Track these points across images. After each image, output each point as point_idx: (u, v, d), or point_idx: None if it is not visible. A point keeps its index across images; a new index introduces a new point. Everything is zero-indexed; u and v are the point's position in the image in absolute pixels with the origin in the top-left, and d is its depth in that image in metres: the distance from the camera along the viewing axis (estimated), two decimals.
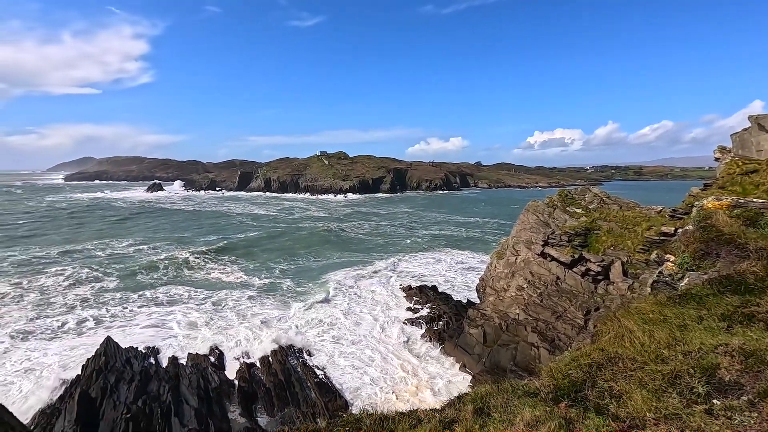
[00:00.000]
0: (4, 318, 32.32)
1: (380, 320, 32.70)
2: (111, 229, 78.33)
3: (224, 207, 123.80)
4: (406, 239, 69.91)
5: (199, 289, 40.03)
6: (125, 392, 21.16)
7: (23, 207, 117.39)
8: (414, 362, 26.27)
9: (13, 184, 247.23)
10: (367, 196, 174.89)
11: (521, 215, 32.17)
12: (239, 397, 22.38)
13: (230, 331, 30.26)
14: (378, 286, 41.39)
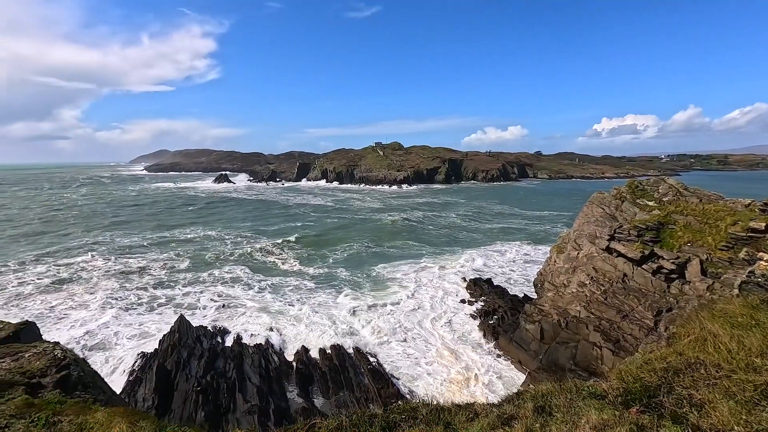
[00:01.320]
0: (99, 290, 36.56)
1: (434, 312, 32.55)
2: (186, 218, 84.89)
3: (283, 197, 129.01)
4: (461, 231, 68.82)
5: (259, 274, 42.39)
6: (196, 367, 22.93)
7: (113, 196, 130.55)
8: (467, 355, 25.92)
9: (102, 175, 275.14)
10: (422, 187, 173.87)
11: (585, 207, 30.34)
12: (297, 378, 23.38)
13: (289, 316, 31.67)
14: (431, 277, 41.17)
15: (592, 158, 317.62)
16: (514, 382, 22.68)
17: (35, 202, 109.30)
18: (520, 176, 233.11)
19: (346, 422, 3.70)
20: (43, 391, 8.20)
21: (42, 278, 40.12)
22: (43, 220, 77.76)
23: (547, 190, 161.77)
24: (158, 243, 57.23)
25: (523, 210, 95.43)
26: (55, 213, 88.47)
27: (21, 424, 5.99)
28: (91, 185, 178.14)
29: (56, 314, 31.65)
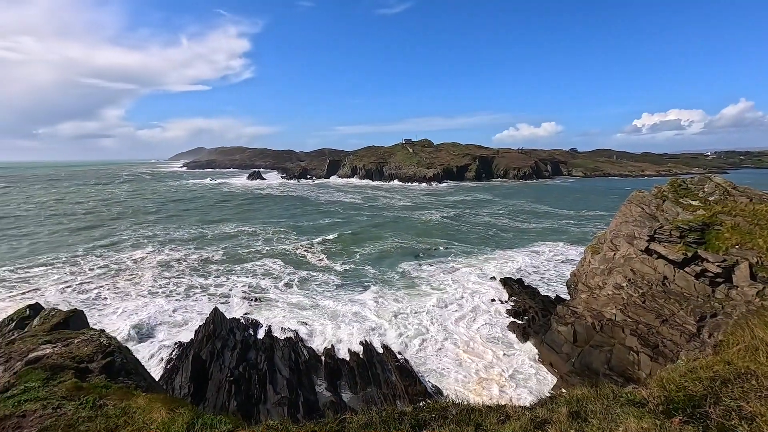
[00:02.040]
0: (141, 280, 38.68)
1: (462, 311, 32.22)
2: (221, 213, 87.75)
3: (313, 194, 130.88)
4: (492, 229, 67.74)
5: (289, 268, 43.32)
6: (229, 358, 23.69)
7: (154, 192, 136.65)
8: (496, 356, 25.52)
9: (143, 172, 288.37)
10: (452, 184, 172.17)
11: (623, 207, 29.17)
12: (325, 373, 23.72)
13: (318, 311, 32.18)
14: (460, 276, 40.77)
15: (630, 155, 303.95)
16: (546, 384, 22.15)
17: (85, 197, 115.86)
18: (553, 174, 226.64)
19: (376, 419, 3.72)
20: (90, 375, 8.71)
21: (90, 268, 42.53)
22: (92, 214, 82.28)
23: (582, 188, 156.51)
24: (195, 237, 59.70)
25: (555, 209, 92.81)
26: (101, 207, 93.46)
27: (71, 406, 6.39)
28: (133, 182, 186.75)
29: (101, 302, 33.47)
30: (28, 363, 9.54)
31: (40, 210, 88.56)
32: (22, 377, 8.12)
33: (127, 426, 5.19)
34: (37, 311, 21.28)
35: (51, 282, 38.37)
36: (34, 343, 11.34)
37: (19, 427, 6.25)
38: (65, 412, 6.26)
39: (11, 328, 19.95)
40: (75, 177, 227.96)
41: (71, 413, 6.20)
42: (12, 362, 10.16)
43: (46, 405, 6.65)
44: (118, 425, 5.27)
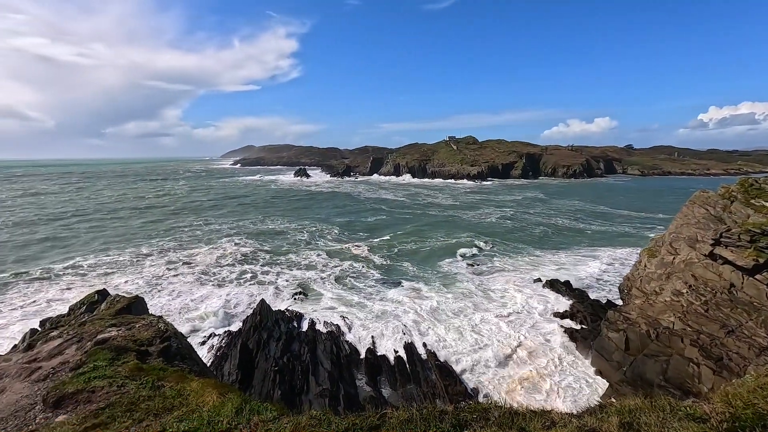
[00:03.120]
0: (196, 270, 41.08)
1: (505, 312, 31.44)
2: (270, 207, 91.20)
3: (357, 191, 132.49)
4: (538, 228, 65.44)
5: (333, 263, 44.28)
6: (274, 348, 24.56)
7: (209, 188, 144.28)
8: (539, 359, 24.68)
9: (198, 169, 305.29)
10: (497, 182, 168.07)
11: (684, 208, 27.18)
12: (366, 368, 23.99)
13: (360, 306, 32.63)
14: (504, 276, 39.81)
15: (694, 152, 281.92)
16: (594, 392, 21.16)
17: (148, 192, 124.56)
18: (606, 172, 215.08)
19: (417, 416, 3.72)
20: (150, 358, 9.37)
21: (151, 259, 45.64)
22: (154, 209, 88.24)
23: (638, 187, 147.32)
24: (246, 231, 62.60)
25: (608, 208, 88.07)
26: (163, 202, 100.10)
27: (133, 385, 6.93)
28: (190, 178, 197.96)
29: (160, 289, 35.79)
30: (96, 344, 10.42)
31: (109, 204, 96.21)
32: (92, 356, 8.89)
33: (182, 407, 5.55)
34: (104, 296, 23.11)
35: (116, 270, 41.60)
36: (102, 326, 12.36)
37: (89, 401, 6.87)
38: (128, 390, 6.79)
39: (82, 311, 21.81)
40: (138, 173, 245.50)
41: (133, 392, 6.72)
42: (83, 342, 11.14)
43: (112, 383, 7.25)
44: (174, 406, 5.64)
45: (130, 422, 5.46)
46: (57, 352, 10.88)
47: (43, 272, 40.31)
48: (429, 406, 3.93)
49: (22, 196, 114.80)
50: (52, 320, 22.33)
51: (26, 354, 11.48)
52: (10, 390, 9.12)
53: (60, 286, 36.57)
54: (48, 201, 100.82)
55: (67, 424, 5.87)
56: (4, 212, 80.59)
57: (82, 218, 73.30)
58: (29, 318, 28.88)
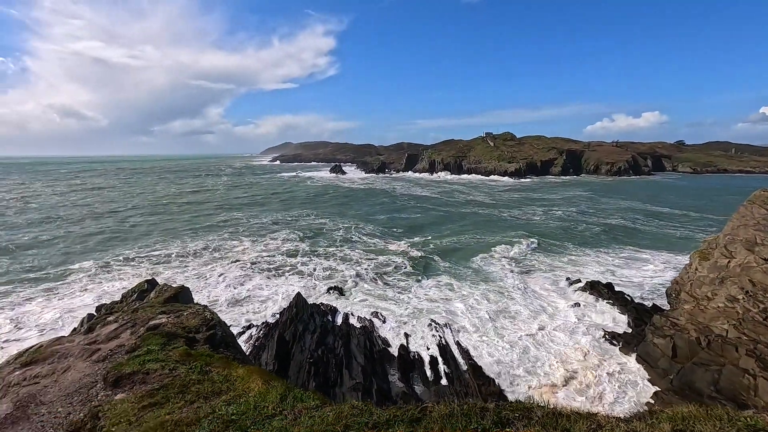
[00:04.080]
0: (237, 261, 42.90)
1: (543, 312, 30.69)
2: (306, 203, 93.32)
3: (391, 187, 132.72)
4: (580, 225, 63.10)
5: (366, 259, 44.75)
6: (309, 341, 25.15)
7: (248, 183, 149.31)
8: (578, 362, 23.91)
9: (239, 165, 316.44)
10: (535, 180, 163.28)
11: (741, 208, 25.42)
12: (398, 363, 24.13)
13: (393, 302, 32.82)
14: (541, 275, 38.81)
15: (754, 149, 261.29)
16: (636, 399, 20.30)
17: (193, 188, 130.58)
18: (654, 169, 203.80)
19: (458, 411, 3.75)
20: (197, 344, 9.89)
21: (196, 251, 47.91)
22: (200, 204, 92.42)
23: (690, 185, 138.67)
24: (285, 225, 64.59)
25: (656, 207, 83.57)
26: (208, 198, 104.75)
27: (183, 369, 7.36)
28: (231, 175, 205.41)
29: (203, 280, 37.50)
30: (148, 329, 11.11)
31: (158, 199, 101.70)
32: (145, 341, 9.50)
33: (230, 391, 5.85)
34: (153, 285, 24.48)
35: (164, 262, 43.98)
36: (153, 313, 13.15)
37: (144, 382, 7.37)
38: (179, 373, 7.23)
39: (134, 298, 23.22)
40: (184, 169, 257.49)
41: (183, 375, 7.14)
42: (136, 327, 11.90)
43: (164, 366, 7.74)
44: (222, 390, 5.96)
45: (183, 403, 5.83)
46: (114, 335, 11.70)
47: (99, 262, 43.17)
48: (470, 402, 3.95)
49: (83, 190, 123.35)
50: (107, 306, 23.94)
51: (87, 336, 12.40)
52: (74, 368, 9.91)
53: (113, 275, 39.08)
54: (106, 195, 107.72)
55: (126, 401, 6.34)
56: (71, 207, 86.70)
57: (135, 212, 77.86)
58: (87, 304, 31.06)
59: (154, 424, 5.19)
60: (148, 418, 5.51)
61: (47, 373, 9.83)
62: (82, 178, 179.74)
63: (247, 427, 4.89)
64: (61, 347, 11.45)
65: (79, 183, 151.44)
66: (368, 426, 3.96)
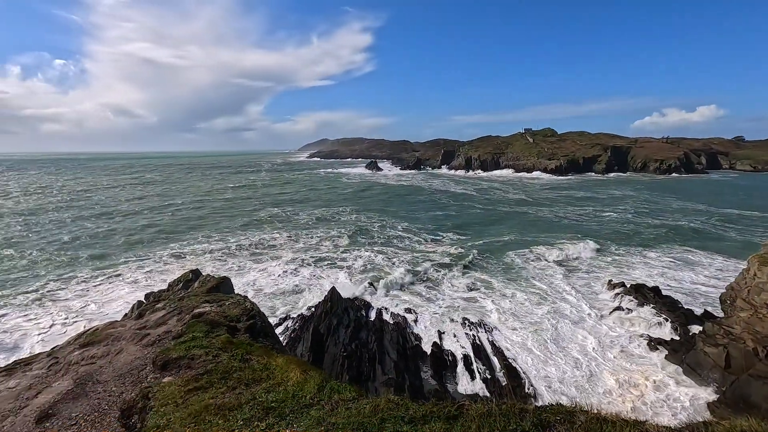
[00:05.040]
0: (276, 254, 44.37)
1: (583, 314, 29.63)
2: (342, 199, 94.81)
3: (427, 184, 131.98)
4: (624, 226, 60.14)
5: (401, 254, 44.75)
6: (343, 334, 25.50)
7: (287, 180, 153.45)
8: (623, 368, 22.90)
9: (277, 162, 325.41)
10: (576, 177, 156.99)
11: None
12: (431, 361, 24.04)
13: (427, 298, 32.74)
14: (581, 276, 37.47)
15: None
16: (683, 410, 19.21)
17: (235, 183, 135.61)
18: (708, 167, 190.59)
19: (496, 411, 3.69)
20: (238, 333, 10.29)
21: (237, 245, 49.78)
22: (240, 199, 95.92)
23: (750, 185, 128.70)
24: (322, 220, 66.11)
25: (711, 208, 78.20)
26: (248, 193, 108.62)
27: (225, 356, 7.68)
28: (270, 170, 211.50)
29: (243, 272, 38.92)
30: (193, 317, 11.66)
31: (202, 194, 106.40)
32: (190, 328, 9.98)
33: (269, 379, 6.05)
34: (197, 276, 25.57)
35: (207, 253, 46.06)
36: (197, 302, 13.78)
37: (189, 367, 7.75)
38: (221, 360, 7.55)
39: (179, 287, 24.36)
40: (226, 165, 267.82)
41: (226, 362, 7.46)
42: (182, 315, 12.52)
43: (208, 352, 8.11)
44: (262, 378, 6.17)
45: (225, 389, 6.10)
46: (162, 321, 12.38)
47: (149, 253, 45.82)
48: (509, 402, 3.87)
49: (135, 185, 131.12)
50: (155, 294, 25.31)
51: (137, 322, 13.18)
52: (126, 351, 10.57)
53: (161, 265, 41.33)
54: (155, 190, 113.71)
55: (174, 384, 6.70)
56: (125, 201, 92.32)
57: (181, 207, 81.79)
58: (136, 291, 33.02)
59: (199, 408, 5.47)
60: (193, 401, 5.81)
61: (102, 355, 10.55)
62: (134, 173, 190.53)
63: (286, 414, 5.06)
64: (115, 331, 12.25)
65: (132, 178, 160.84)
66: (404, 420, 3.99)
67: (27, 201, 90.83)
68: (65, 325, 27.63)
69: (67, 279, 36.98)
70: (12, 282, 36.10)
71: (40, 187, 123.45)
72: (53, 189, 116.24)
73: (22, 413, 8.34)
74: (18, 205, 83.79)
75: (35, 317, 29.05)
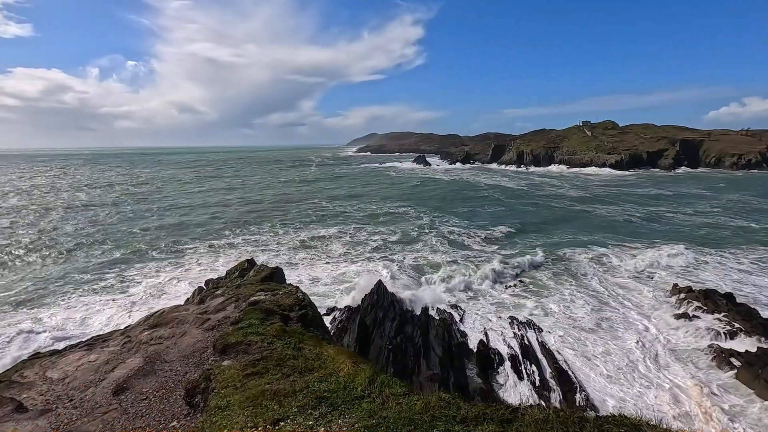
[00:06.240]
0: (325, 246, 46.08)
1: (644, 319, 27.82)
2: (391, 193, 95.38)
3: (477, 179, 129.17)
4: (700, 229, 54.92)
5: (451, 248, 44.69)
6: (388, 327, 25.69)
7: (342, 176, 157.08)
8: (690, 380, 21.27)
9: (327, 156, 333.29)
10: (639, 173, 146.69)
11: None
12: (477, 359, 23.65)
13: (473, 294, 32.26)
14: (642, 282, 35.10)
15: None
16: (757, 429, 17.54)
17: (287, 178, 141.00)
18: None
19: (553, 417, 3.54)
20: (291, 322, 10.70)
21: (288, 236, 51.86)
22: (291, 192, 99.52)
23: None
24: (370, 214, 66.94)
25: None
26: (298, 187, 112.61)
27: (279, 344, 8.02)
28: (321, 165, 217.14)
29: (294, 263, 40.41)
30: (249, 305, 12.26)
31: (258, 187, 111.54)
32: (247, 315, 10.52)
33: (321, 369, 6.25)
34: (252, 265, 26.80)
35: (261, 244, 48.40)
36: (253, 290, 14.45)
37: (246, 352, 8.18)
38: (276, 348, 7.90)
39: (236, 275, 25.67)
40: (279, 160, 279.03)
41: (280, 350, 7.79)
42: (239, 302, 13.20)
43: (263, 339, 8.50)
44: (314, 367, 6.39)
45: (280, 376, 6.38)
46: (221, 307, 13.13)
47: (209, 243, 48.88)
48: (567, 410, 3.71)
49: (198, 180, 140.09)
50: (213, 281, 26.87)
51: (199, 306, 14.08)
52: (189, 334, 11.33)
53: (218, 255, 43.93)
54: (216, 185, 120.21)
55: (233, 368, 7.11)
56: (188, 194, 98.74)
57: (239, 200, 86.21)
58: (194, 278, 35.33)
59: (256, 392, 5.77)
60: (251, 385, 6.13)
61: (168, 336, 11.38)
62: (196, 168, 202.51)
63: (338, 405, 5.21)
64: (179, 314, 13.16)
65: (194, 171, 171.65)
66: (456, 420, 3.96)
67: (109, 193, 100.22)
68: (135, 306, 30.17)
69: (141, 264, 40.62)
70: (94, 266, 40.02)
71: (121, 177, 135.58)
72: (132, 181, 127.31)
73: (101, 385, 9.21)
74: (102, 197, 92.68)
75: (112, 297, 32.08)
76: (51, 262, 41.78)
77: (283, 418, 5.00)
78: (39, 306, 30.53)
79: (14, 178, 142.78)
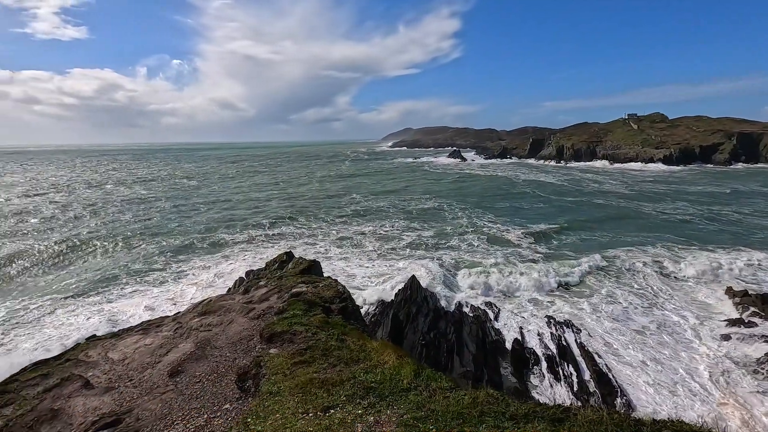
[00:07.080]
0: (360, 241, 46.62)
1: (691, 326, 26.39)
2: (425, 189, 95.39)
3: (514, 174, 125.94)
4: (758, 233, 51.03)
5: (489, 245, 44.43)
6: (422, 323, 25.72)
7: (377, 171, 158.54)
8: (732, 391, 20.05)
9: (361, 150, 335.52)
10: (690, 168, 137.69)
11: None
12: (511, 358, 23.29)
13: (508, 292, 31.74)
14: (689, 281, 33.32)
15: None
16: None
17: (324, 173, 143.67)
18: None
19: (607, 419, 3.51)
20: (332, 314, 11.01)
21: (323, 230, 52.95)
22: (326, 187, 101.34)
23: None
24: (405, 211, 66.96)
25: None
26: (333, 182, 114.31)
27: (323, 335, 8.30)
28: (355, 160, 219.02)
29: (330, 256, 41.18)
30: (292, 296, 12.69)
31: (296, 182, 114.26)
32: (291, 305, 10.91)
33: (366, 360, 6.43)
34: (291, 257, 27.56)
35: (298, 237, 49.82)
36: (294, 282, 14.93)
37: (292, 342, 8.52)
38: (320, 338, 8.18)
39: (275, 267, 26.50)
40: (314, 155, 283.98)
41: (324, 340, 8.06)
42: (282, 293, 13.68)
43: (307, 330, 8.82)
44: (359, 359, 6.58)
45: (327, 365, 6.62)
46: (264, 298, 13.66)
47: (249, 236, 50.88)
48: (621, 413, 3.66)
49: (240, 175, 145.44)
50: (254, 272, 27.89)
51: (244, 296, 14.69)
52: (236, 323, 11.88)
53: (257, 247, 45.61)
54: (257, 180, 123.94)
55: (281, 356, 7.44)
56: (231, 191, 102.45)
57: (276, 195, 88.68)
58: (237, 269, 36.76)
59: (305, 380, 6.03)
60: (299, 373, 6.41)
61: (217, 323, 11.98)
62: (239, 163, 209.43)
63: (386, 395, 5.37)
64: (226, 303, 13.81)
65: (236, 167, 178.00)
66: (505, 416, 3.99)
67: (160, 186, 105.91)
68: (185, 295, 31.89)
69: (189, 255, 43.11)
70: (146, 256, 42.71)
71: (170, 171, 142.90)
72: (180, 175, 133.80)
73: (158, 367, 9.86)
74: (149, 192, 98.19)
75: (164, 286, 34.22)
76: (109, 252, 45.19)
77: (333, 406, 5.21)
78: (97, 293, 32.97)
79: (76, 174, 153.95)
